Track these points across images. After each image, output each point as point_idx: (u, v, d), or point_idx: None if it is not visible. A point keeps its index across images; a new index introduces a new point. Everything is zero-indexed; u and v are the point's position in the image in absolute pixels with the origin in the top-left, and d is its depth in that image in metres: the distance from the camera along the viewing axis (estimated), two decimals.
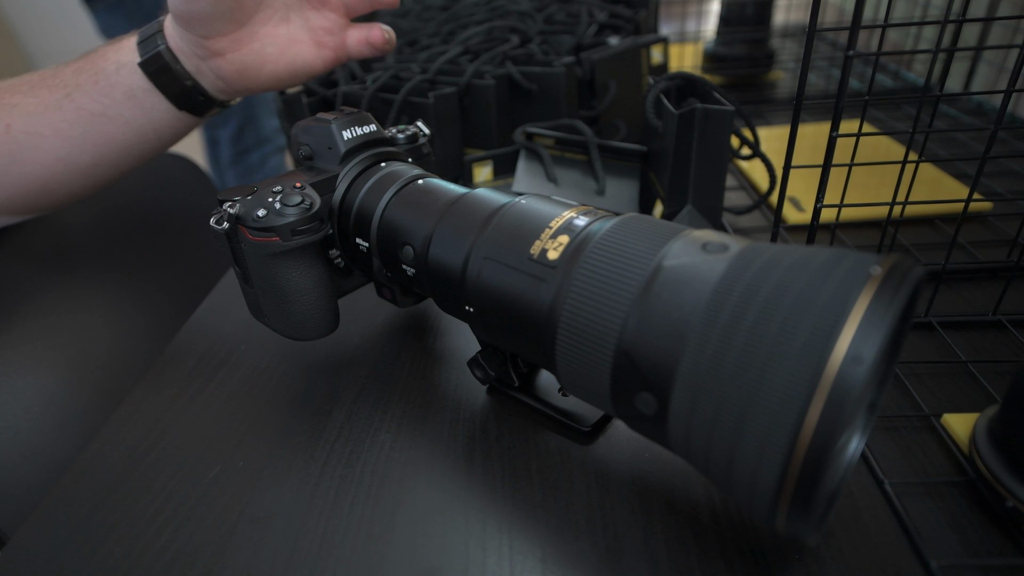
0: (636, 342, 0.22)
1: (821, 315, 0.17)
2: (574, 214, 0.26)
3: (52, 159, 0.40)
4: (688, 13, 0.91)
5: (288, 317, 0.33)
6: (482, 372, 0.31)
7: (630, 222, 0.25)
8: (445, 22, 0.68)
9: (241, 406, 0.34)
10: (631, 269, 0.22)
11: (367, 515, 0.27)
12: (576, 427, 0.30)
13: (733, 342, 0.19)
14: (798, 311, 0.18)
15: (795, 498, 0.18)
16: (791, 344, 0.18)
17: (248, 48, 0.39)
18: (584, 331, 0.23)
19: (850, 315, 0.17)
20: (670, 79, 0.45)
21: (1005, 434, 0.25)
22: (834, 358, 0.17)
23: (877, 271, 0.18)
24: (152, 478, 0.29)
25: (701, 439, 0.20)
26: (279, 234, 0.30)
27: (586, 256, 0.24)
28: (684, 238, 0.23)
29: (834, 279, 0.18)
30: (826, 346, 0.17)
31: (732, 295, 0.20)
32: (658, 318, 0.21)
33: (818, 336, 0.17)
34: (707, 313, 0.20)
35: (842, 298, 0.17)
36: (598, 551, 0.25)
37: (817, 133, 0.61)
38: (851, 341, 0.17)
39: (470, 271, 0.27)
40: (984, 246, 0.43)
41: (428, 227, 0.29)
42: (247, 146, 1.19)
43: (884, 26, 0.29)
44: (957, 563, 0.23)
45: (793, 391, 0.17)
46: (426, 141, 0.38)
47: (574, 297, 0.23)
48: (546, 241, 0.25)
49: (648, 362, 0.21)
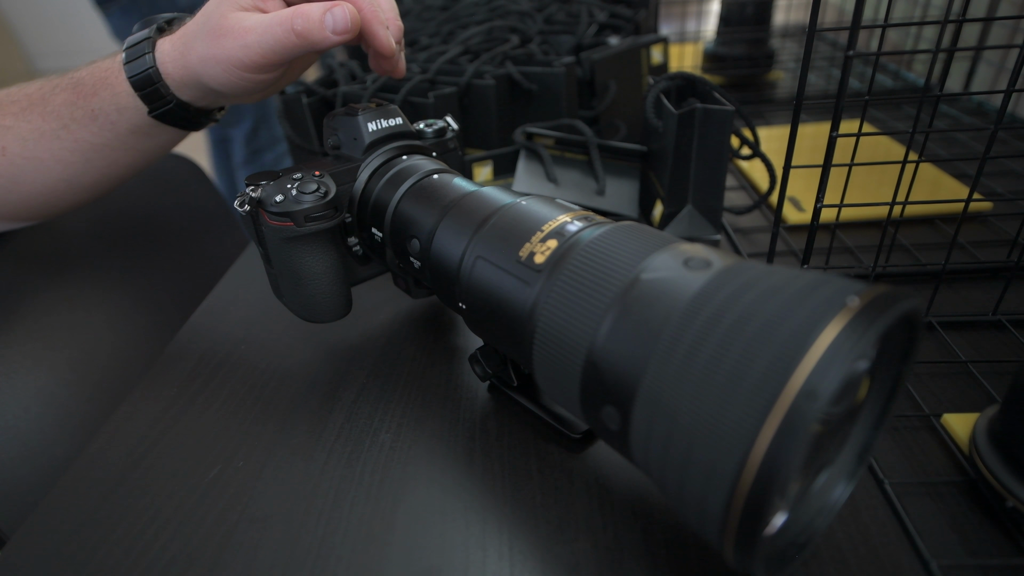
0: (604, 354, 0.21)
1: (784, 344, 0.16)
2: (568, 219, 0.26)
3: (54, 180, 0.39)
4: (688, 13, 0.91)
5: (302, 299, 0.34)
6: (481, 369, 0.31)
7: (619, 230, 0.24)
8: (445, 22, 0.68)
9: (241, 406, 0.34)
10: (609, 279, 0.22)
11: (367, 515, 0.27)
12: (567, 433, 0.30)
13: (695, 364, 0.18)
14: (762, 337, 0.17)
15: (740, 532, 0.17)
16: (749, 372, 0.17)
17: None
18: (558, 338, 0.23)
19: (812, 346, 0.16)
20: (670, 79, 0.45)
21: (1005, 434, 0.25)
22: (788, 391, 0.16)
23: (854, 302, 0.17)
24: (152, 478, 0.29)
25: (657, 460, 0.19)
26: (294, 219, 0.31)
27: (568, 263, 0.24)
28: (669, 251, 0.22)
29: (807, 306, 0.17)
30: (782, 378, 0.16)
31: (702, 315, 0.19)
32: (627, 332, 0.21)
33: (776, 367, 0.16)
34: (675, 331, 0.19)
35: (808, 327, 0.16)
36: (598, 551, 0.25)
37: (817, 133, 0.61)
38: (809, 374, 0.16)
39: (464, 268, 0.28)
40: (984, 246, 0.43)
41: (433, 222, 0.30)
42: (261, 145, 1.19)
43: (884, 26, 0.29)
44: (957, 563, 0.23)
45: (744, 422, 0.16)
46: (453, 136, 0.38)
47: (552, 302, 0.23)
48: (535, 244, 0.25)
49: (613, 376, 0.21)
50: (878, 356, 0.21)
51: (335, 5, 0.33)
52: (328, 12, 0.33)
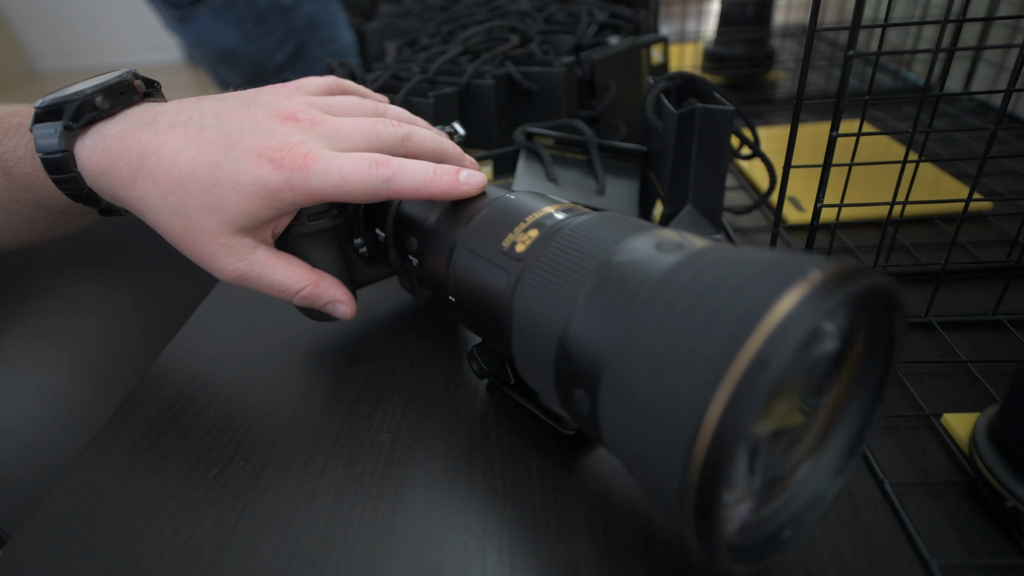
0: (575, 336, 0.21)
1: (740, 316, 0.16)
2: (553, 210, 0.26)
3: (10, 241, 0.36)
4: (688, 13, 0.90)
5: None
6: (477, 366, 0.31)
7: (599, 218, 0.24)
8: (445, 22, 0.68)
9: (241, 405, 0.34)
10: (583, 263, 0.22)
11: (367, 515, 0.27)
12: (560, 430, 0.30)
13: (656, 341, 0.18)
14: (720, 311, 0.17)
15: (698, 511, 0.16)
16: (705, 345, 0.17)
17: None
18: (534, 323, 0.23)
19: (766, 317, 0.16)
20: (670, 79, 0.45)
21: (1005, 434, 0.25)
22: (739, 361, 0.15)
23: (815, 274, 0.16)
24: (152, 478, 0.29)
25: (623, 441, 0.19)
26: (297, 218, 0.31)
27: (546, 249, 0.24)
28: (644, 236, 0.22)
29: (767, 280, 0.17)
30: (734, 349, 0.16)
31: (665, 293, 0.19)
32: (595, 313, 0.21)
33: (730, 338, 0.16)
34: (640, 310, 0.19)
35: (765, 299, 0.16)
36: (598, 551, 0.25)
37: (817, 133, 0.61)
38: (761, 344, 0.15)
39: (453, 261, 0.28)
40: (984, 246, 0.43)
41: (430, 220, 0.30)
42: None
43: (884, 26, 0.29)
44: (957, 563, 0.23)
45: (697, 394, 0.16)
46: (460, 142, 0.39)
47: (528, 289, 0.24)
48: (518, 235, 0.26)
49: (581, 358, 0.21)
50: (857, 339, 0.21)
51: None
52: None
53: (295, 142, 0.28)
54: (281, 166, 0.27)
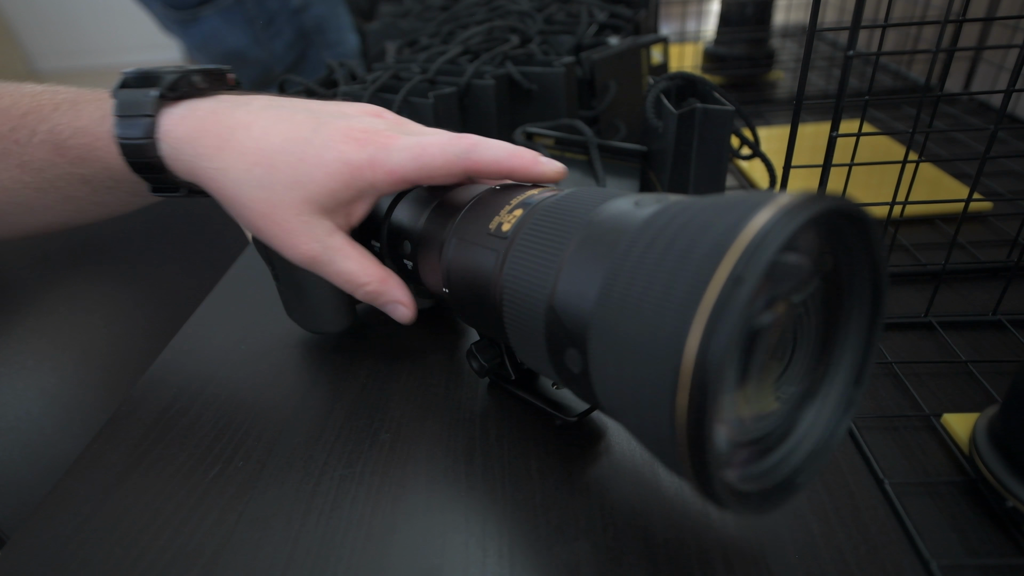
0: (562, 296, 0.22)
1: (713, 242, 0.17)
2: (536, 192, 0.27)
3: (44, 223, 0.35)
4: (688, 13, 0.90)
5: (305, 309, 0.35)
6: (477, 364, 0.31)
7: (579, 190, 0.25)
8: (445, 22, 0.68)
9: (241, 406, 0.34)
10: (564, 229, 0.23)
11: (367, 515, 0.27)
12: (562, 417, 0.30)
13: (636, 282, 0.19)
14: (695, 241, 0.17)
15: (691, 445, 0.16)
16: (681, 276, 0.17)
17: None
18: (522, 294, 0.24)
19: (737, 238, 0.16)
20: (670, 79, 0.45)
21: (1005, 434, 0.25)
22: (714, 282, 0.16)
23: (783, 198, 0.17)
24: (152, 478, 0.29)
25: (615, 393, 0.20)
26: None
27: (529, 223, 0.25)
28: (623, 199, 0.23)
29: (739, 209, 0.17)
30: (709, 272, 0.16)
31: (643, 238, 0.19)
32: (578, 270, 0.21)
33: (704, 263, 0.16)
34: (620, 257, 0.20)
35: (736, 223, 0.17)
36: (598, 551, 0.25)
37: (817, 133, 0.61)
38: (735, 262, 0.16)
39: (444, 252, 0.28)
40: (984, 246, 0.43)
41: (421, 222, 0.31)
42: None
43: (884, 26, 0.29)
44: (957, 563, 0.23)
45: (678, 324, 0.16)
46: None
47: (515, 262, 0.24)
48: (504, 216, 0.26)
49: (569, 316, 0.21)
50: (835, 267, 0.20)
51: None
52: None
53: (381, 128, 0.30)
54: (365, 144, 0.29)
